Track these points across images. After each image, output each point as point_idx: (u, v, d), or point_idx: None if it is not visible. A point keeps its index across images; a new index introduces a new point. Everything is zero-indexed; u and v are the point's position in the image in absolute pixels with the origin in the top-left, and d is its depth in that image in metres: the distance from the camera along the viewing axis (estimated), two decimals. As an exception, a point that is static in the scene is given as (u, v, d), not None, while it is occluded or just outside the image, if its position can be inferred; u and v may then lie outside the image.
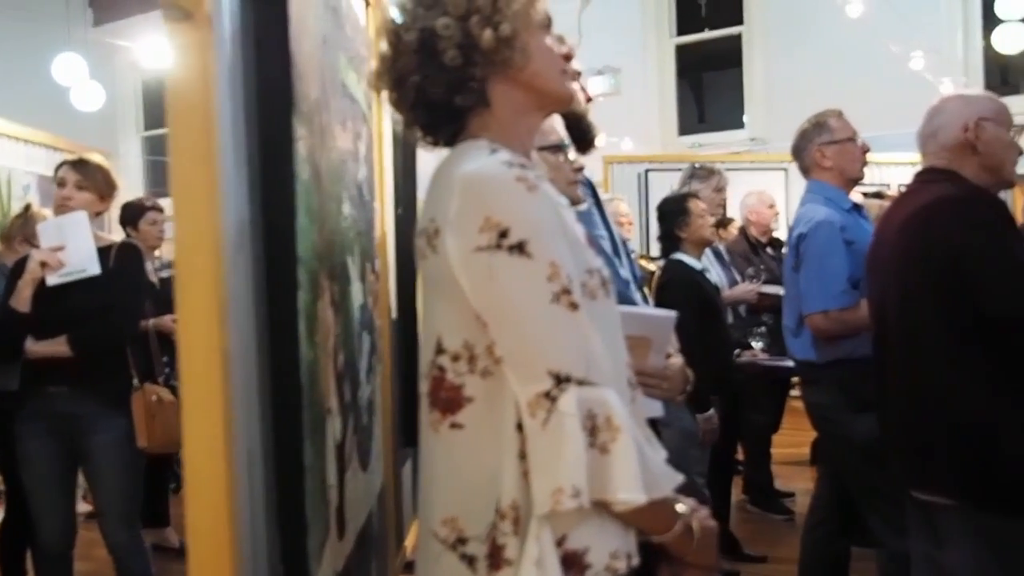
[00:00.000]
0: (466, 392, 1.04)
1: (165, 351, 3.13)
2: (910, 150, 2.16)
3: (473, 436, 1.04)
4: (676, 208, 3.28)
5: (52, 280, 2.56)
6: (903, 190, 2.18)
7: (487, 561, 1.02)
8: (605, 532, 1.03)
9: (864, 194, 3.84)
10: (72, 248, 2.57)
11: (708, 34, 8.16)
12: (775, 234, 4.55)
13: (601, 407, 0.99)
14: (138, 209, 3.88)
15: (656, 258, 4.16)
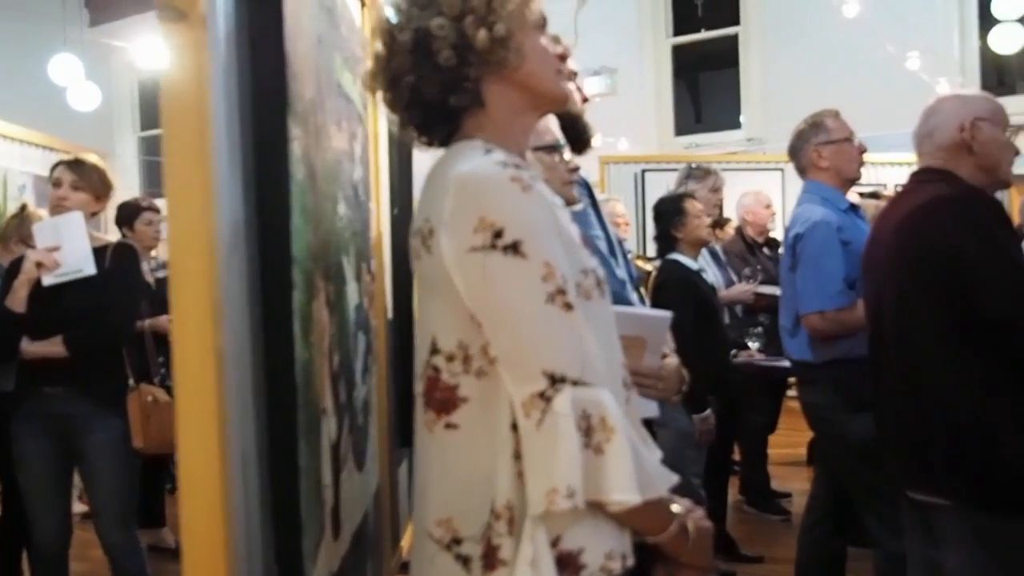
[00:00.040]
0: (461, 392, 1.04)
1: (161, 351, 3.13)
2: (906, 150, 2.16)
3: (468, 436, 1.04)
4: (672, 208, 3.28)
5: (48, 280, 2.55)
6: (899, 190, 2.18)
7: (482, 562, 1.02)
8: (600, 533, 1.03)
9: (860, 194, 3.84)
10: (68, 248, 2.57)
11: (704, 34, 8.17)
12: (772, 234, 4.54)
13: (596, 407, 0.99)
14: (134, 209, 3.88)
15: (652, 258, 4.17)
